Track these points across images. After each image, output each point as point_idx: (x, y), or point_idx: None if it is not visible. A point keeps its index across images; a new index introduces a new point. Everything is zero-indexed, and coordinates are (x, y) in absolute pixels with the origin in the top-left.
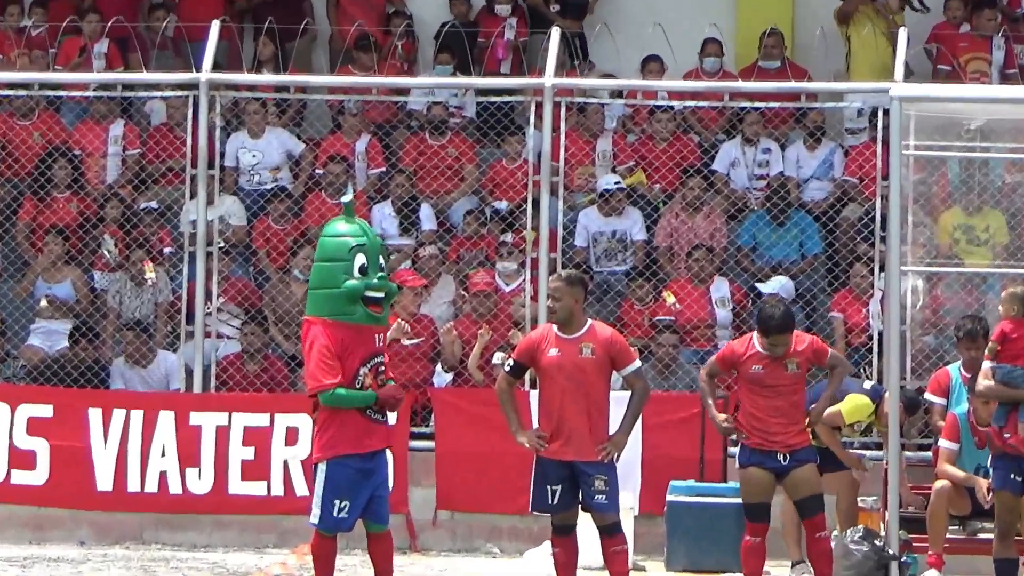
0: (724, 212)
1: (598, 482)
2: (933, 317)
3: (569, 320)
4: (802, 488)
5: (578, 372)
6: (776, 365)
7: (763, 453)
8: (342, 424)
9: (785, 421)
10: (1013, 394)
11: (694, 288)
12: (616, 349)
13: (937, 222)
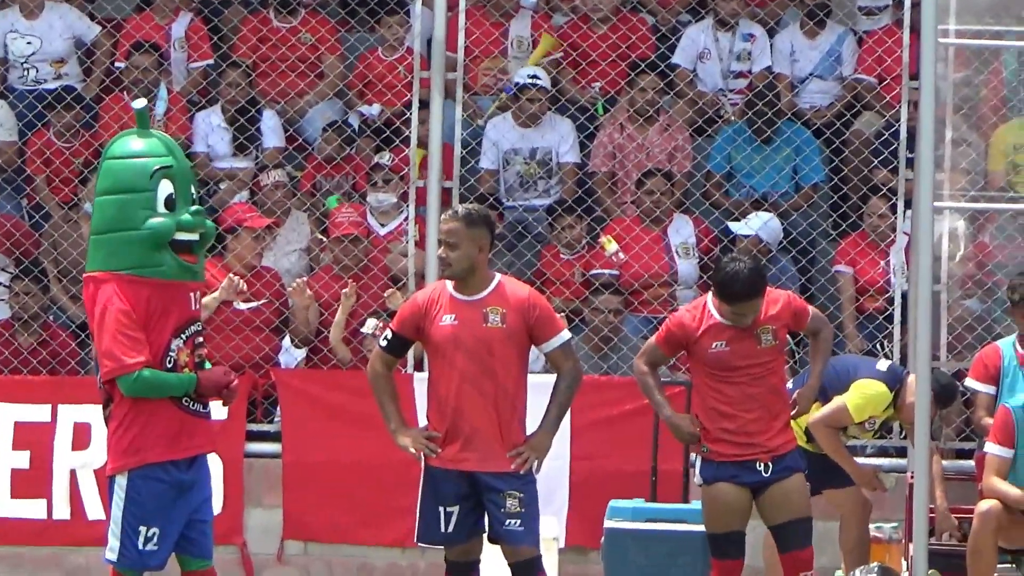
0: (688, 124)
1: (510, 501)
2: (979, 273)
3: (469, 275)
4: (784, 509)
5: (482, 348)
6: (745, 339)
7: (736, 464)
8: (149, 421)
9: (765, 415)
10: None
11: (645, 231)
12: (535, 316)
13: (988, 140)
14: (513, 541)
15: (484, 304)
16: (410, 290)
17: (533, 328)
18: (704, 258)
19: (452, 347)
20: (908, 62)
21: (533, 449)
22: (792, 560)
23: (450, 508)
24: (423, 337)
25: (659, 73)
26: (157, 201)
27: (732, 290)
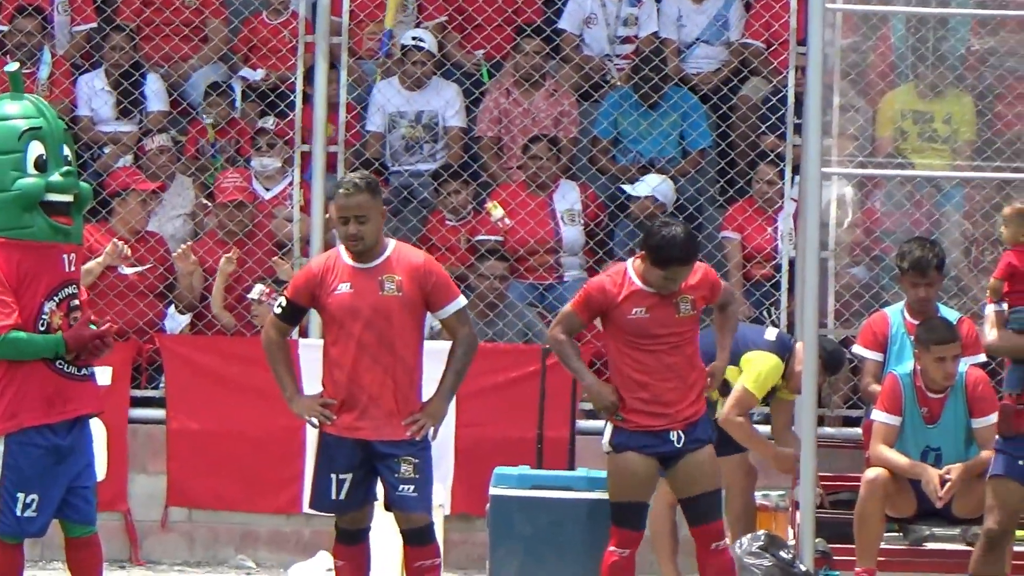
0: (574, 89)
1: (405, 467)
2: (867, 240)
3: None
4: (696, 482)
5: (379, 317)
6: (664, 306)
7: (649, 434)
8: (23, 385)
9: (681, 385)
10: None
11: (531, 196)
12: (432, 282)
13: (876, 107)
14: (406, 507)
15: (380, 272)
16: (295, 255)
17: (429, 295)
18: (591, 224)
19: (349, 316)
20: (796, 27)
21: (429, 416)
22: (703, 532)
23: (343, 476)
24: (318, 305)
25: (545, 38)
26: (27, 162)
27: (669, 254)
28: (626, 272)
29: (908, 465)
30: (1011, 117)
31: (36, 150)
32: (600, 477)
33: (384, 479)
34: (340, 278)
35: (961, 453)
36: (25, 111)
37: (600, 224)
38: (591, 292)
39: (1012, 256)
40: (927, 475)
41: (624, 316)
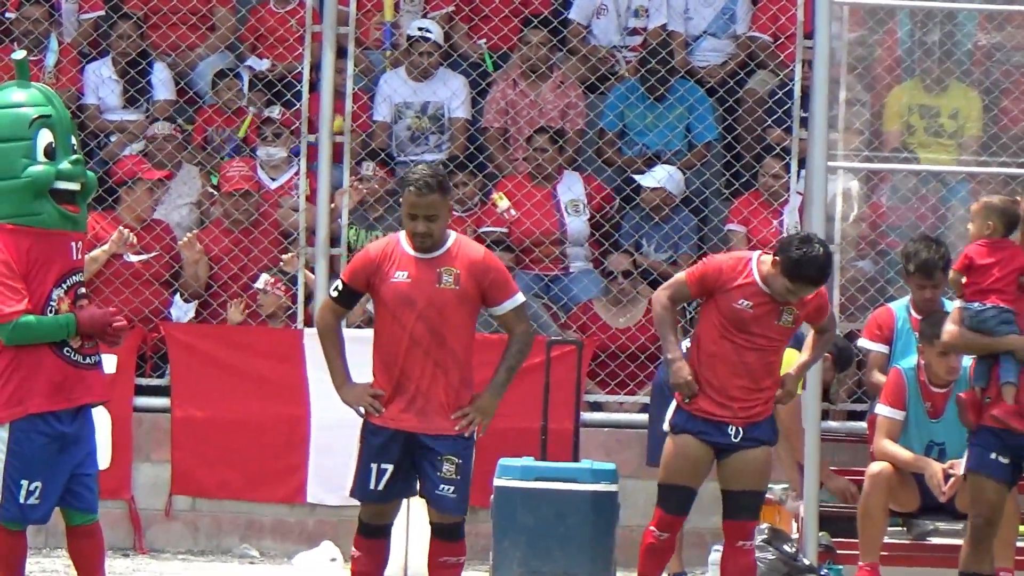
0: (581, 81)
1: (447, 466)
2: (873, 234)
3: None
4: (742, 478)
5: (432, 309)
6: (771, 308)
7: (708, 422)
8: (30, 372)
9: (750, 385)
10: (986, 344)
11: (536, 188)
12: (490, 278)
13: (882, 101)
14: (443, 507)
15: (439, 263)
16: (301, 245)
17: (487, 290)
18: (596, 215)
19: (403, 305)
20: (803, 21)
21: (478, 411)
22: (735, 528)
23: (384, 466)
24: (373, 291)
25: (552, 29)
26: (37, 150)
27: (805, 272)
28: (749, 262)
29: (912, 459)
30: (1017, 112)
31: (46, 138)
32: (604, 469)
33: (424, 474)
34: (398, 266)
35: (964, 447)
36: (34, 99)
37: (606, 215)
38: (708, 269)
39: (972, 250)
40: (931, 469)
41: (730, 302)
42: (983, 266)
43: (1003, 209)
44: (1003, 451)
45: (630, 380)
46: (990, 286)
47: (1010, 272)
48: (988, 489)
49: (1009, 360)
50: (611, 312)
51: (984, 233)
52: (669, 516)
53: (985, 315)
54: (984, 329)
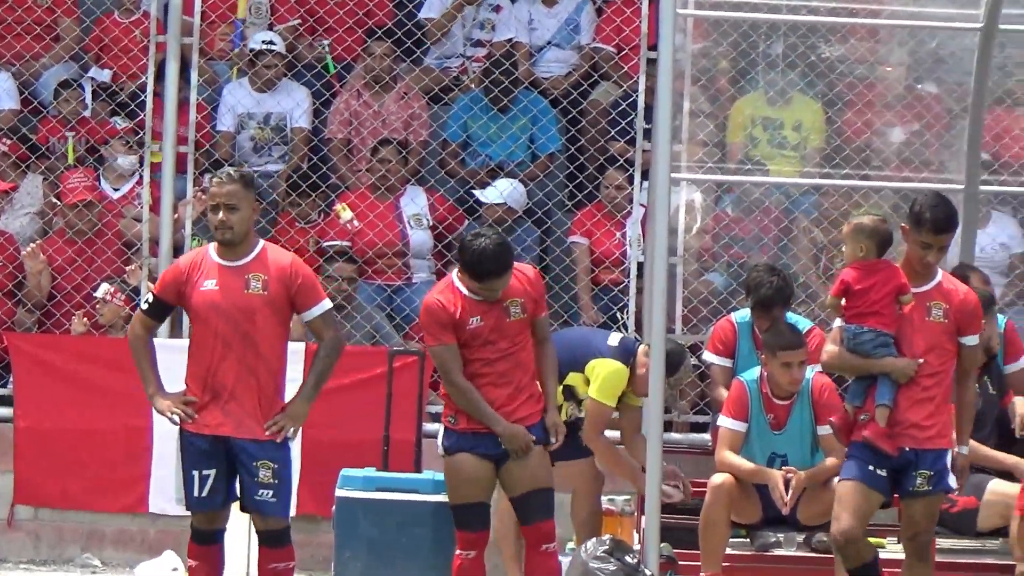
0: (425, 92)
1: (264, 472)
2: (716, 246)
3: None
4: (525, 481)
5: (242, 315)
6: (496, 311)
7: (477, 435)
8: None
9: (512, 392)
10: (864, 365)
11: (379, 200)
12: (298, 284)
13: (726, 113)
14: (264, 511)
15: (247, 270)
16: (144, 255)
17: (295, 296)
18: (439, 227)
19: (213, 312)
20: (646, 32)
21: (290, 418)
22: (534, 532)
23: (206, 472)
24: (184, 302)
25: (396, 41)
26: None
27: (482, 268)
28: (451, 281)
29: (753, 470)
30: (860, 124)
31: None
32: None
33: (243, 482)
34: (207, 275)
35: (807, 459)
36: None
37: (449, 227)
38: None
39: (847, 274)
40: (772, 480)
41: (465, 328)
42: (860, 290)
43: (873, 229)
44: (881, 465)
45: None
46: (868, 309)
47: (887, 293)
48: (864, 499)
49: (885, 382)
50: None
51: (858, 255)
52: (472, 535)
53: (863, 338)
54: (861, 351)
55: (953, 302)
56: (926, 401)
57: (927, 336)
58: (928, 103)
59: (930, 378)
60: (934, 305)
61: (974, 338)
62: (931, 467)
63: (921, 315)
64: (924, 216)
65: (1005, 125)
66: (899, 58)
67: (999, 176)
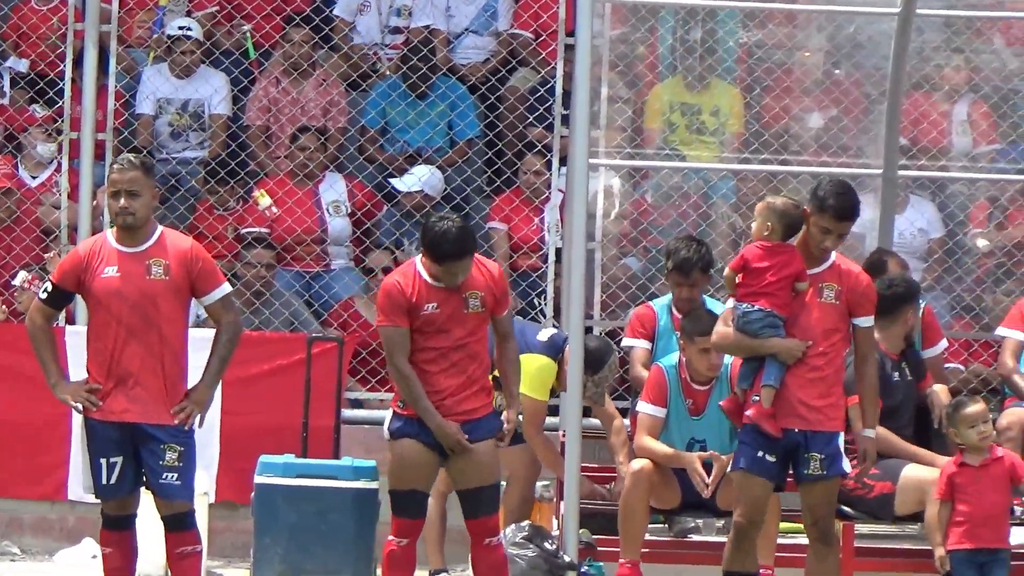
0: (343, 79)
1: (169, 454)
2: (634, 231)
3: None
4: (473, 475)
5: (145, 300)
6: (455, 300)
7: (424, 423)
8: None
9: (464, 382)
10: (751, 345)
11: (298, 187)
12: (198, 268)
13: (644, 98)
14: (169, 495)
15: (147, 256)
16: (63, 242)
17: (195, 281)
18: (358, 213)
19: (115, 299)
20: (564, 18)
21: (194, 403)
22: (480, 526)
23: (113, 459)
24: (84, 290)
25: (314, 27)
26: None
27: (448, 249)
28: (414, 266)
29: (672, 455)
30: (779, 110)
31: None
32: (364, 466)
33: (148, 465)
34: (107, 262)
35: (726, 445)
36: None
37: (368, 214)
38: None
39: (749, 250)
40: (692, 464)
41: (419, 313)
42: (758, 269)
43: (783, 212)
44: (771, 450)
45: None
46: (762, 289)
47: (784, 277)
48: (756, 487)
49: (773, 363)
50: (372, 309)
51: (763, 234)
52: (407, 522)
53: (751, 317)
54: (749, 331)
55: (846, 284)
56: (817, 381)
57: (819, 317)
58: (846, 88)
59: (821, 358)
60: (826, 287)
61: (867, 319)
62: (822, 450)
63: (814, 296)
64: (828, 202)
65: (923, 110)
66: (817, 43)
67: (917, 161)
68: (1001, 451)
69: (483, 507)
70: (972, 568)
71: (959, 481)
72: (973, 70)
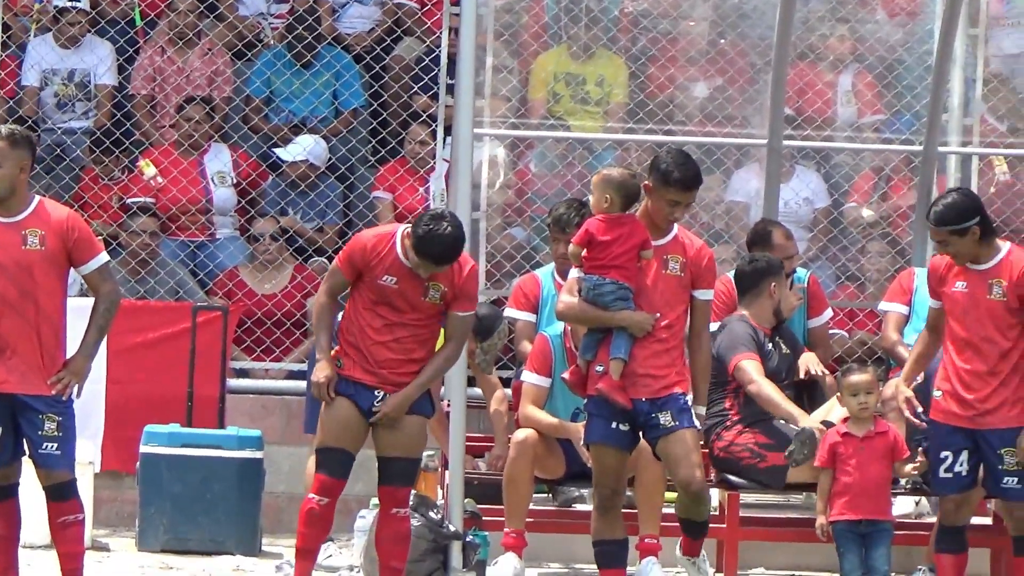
0: (228, 48)
1: (48, 424)
2: (519, 201)
3: (9, 197)
4: (395, 445)
5: (22, 271)
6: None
7: (358, 385)
8: None
9: (401, 357)
10: (600, 317)
11: (183, 156)
12: (74, 238)
13: (529, 68)
14: (49, 465)
15: (23, 226)
16: None
17: (72, 250)
18: (243, 183)
19: None
20: None
21: (72, 373)
22: (391, 494)
23: None
24: None
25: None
26: None
27: (430, 250)
28: (393, 236)
29: (556, 424)
30: (663, 80)
31: None
32: (249, 436)
33: (27, 435)
34: None
35: None
36: None
37: (253, 184)
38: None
39: (592, 224)
40: (577, 434)
41: (375, 279)
42: (603, 242)
43: (621, 183)
44: (622, 419)
45: (276, 347)
46: (611, 262)
47: (629, 249)
48: (611, 457)
49: (622, 335)
50: (257, 278)
51: (602, 206)
52: (330, 480)
53: (603, 289)
54: (601, 303)
55: (689, 255)
56: (662, 353)
57: (664, 289)
58: (731, 58)
59: (666, 330)
60: (671, 258)
61: (707, 292)
62: (671, 408)
63: (659, 268)
64: (673, 175)
65: (808, 80)
66: (702, 13)
67: (802, 131)
68: (887, 424)
69: (397, 477)
70: (853, 539)
71: (841, 451)
72: (858, 40)
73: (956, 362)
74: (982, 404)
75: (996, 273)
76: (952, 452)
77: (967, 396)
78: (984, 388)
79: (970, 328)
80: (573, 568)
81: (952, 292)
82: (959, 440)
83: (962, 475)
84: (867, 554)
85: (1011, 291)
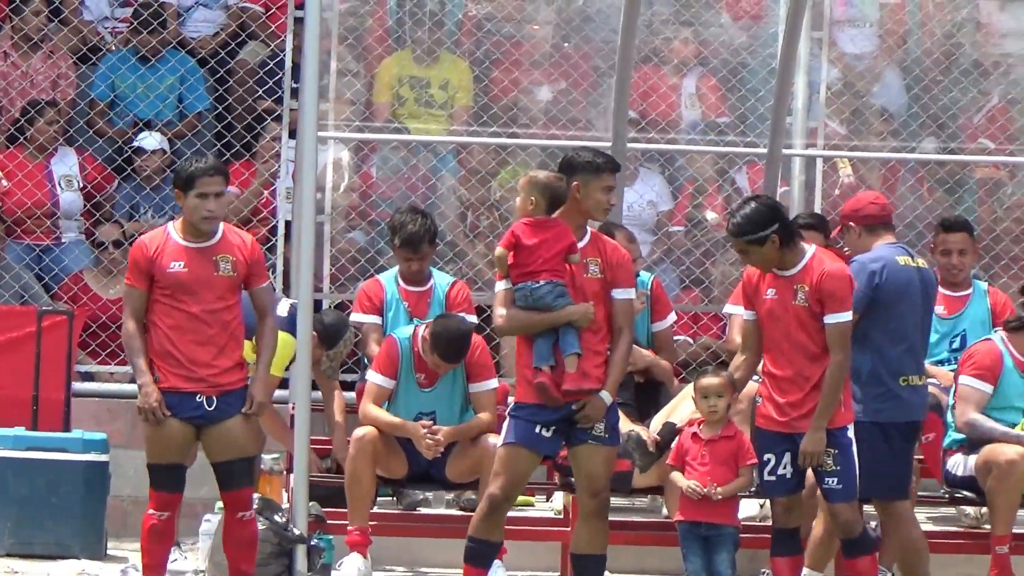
0: (72, 52)
1: None
2: (363, 204)
3: None
4: (226, 448)
5: None
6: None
7: (178, 395)
8: None
9: (216, 352)
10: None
11: (28, 159)
12: None
13: (373, 72)
14: None
15: None
16: None
17: None
18: (88, 187)
19: None
20: None
21: None
22: (235, 498)
23: None
24: None
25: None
26: None
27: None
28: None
29: (397, 423)
30: (507, 83)
31: None
32: (94, 439)
33: None
34: None
35: (455, 417)
36: None
37: (98, 187)
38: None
39: (518, 227)
40: (415, 432)
41: (164, 271)
42: (530, 247)
43: (547, 185)
44: (546, 423)
45: (121, 351)
46: (540, 267)
47: (558, 252)
48: (523, 462)
49: (569, 331)
50: (102, 283)
51: (527, 209)
52: (167, 495)
53: (540, 292)
54: (542, 305)
55: (604, 257)
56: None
57: (586, 292)
58: (575, 62)
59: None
60: (590, 261)
61: (626, 291)
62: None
63: (579, 271)
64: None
65: (652, 83)
66: (546, 16)
67: (647, 134)
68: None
69: (235, 479)
70: (696, 540)
71: (688, 452)
72: (702, 44)
73: (770, 368)
74: (795, 409)
75: (800, 279)
76: (775, 455)
77: (781, 400)
78: (797, 392)
79: (781, 334)
80: (418, 572)
81: (764, 299)
82: (779, 443)
83: (787, 478)
84: (710, 558)
85: (811, 296)
